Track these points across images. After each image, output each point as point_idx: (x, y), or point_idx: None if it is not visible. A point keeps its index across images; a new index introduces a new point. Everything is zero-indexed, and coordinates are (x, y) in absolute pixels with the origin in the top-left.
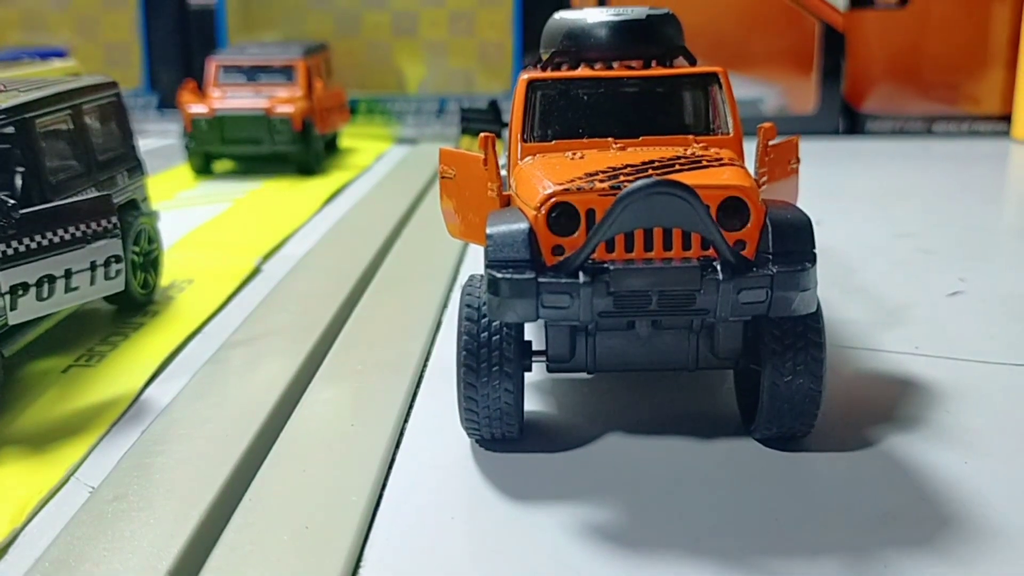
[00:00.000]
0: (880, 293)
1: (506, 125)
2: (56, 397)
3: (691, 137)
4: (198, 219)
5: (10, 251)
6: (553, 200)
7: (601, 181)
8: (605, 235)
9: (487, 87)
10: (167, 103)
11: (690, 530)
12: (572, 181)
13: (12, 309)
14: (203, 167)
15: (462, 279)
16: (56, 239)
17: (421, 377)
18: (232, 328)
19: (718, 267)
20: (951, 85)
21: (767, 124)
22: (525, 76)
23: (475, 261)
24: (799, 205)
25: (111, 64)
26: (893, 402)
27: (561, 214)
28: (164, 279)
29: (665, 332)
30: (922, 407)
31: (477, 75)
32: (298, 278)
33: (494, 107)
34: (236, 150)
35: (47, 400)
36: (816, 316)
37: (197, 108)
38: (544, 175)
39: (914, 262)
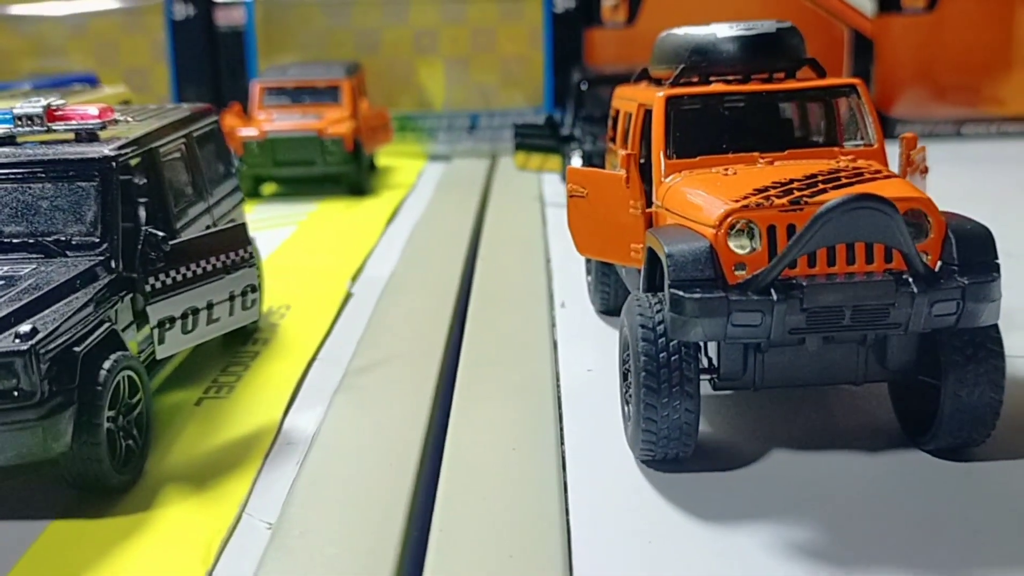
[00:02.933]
0: None
1: (565, 140)
2: (199, 431)
3: (837, 149)
4: (269, 243)
5: (158, 284)
6: (733, 217)
7: (778, 196)
8: (803, 250)
9: (517, 102)
10: None
11: (897, 545)
12: (746, 197)
13: (160, 343)
14: (252, 190)
15: (558, 297)
16: (199, 270)
17: (559, 398)
18: (347, 354)
19: (910, 280)
20: (979, 87)
21: (910, 134)
22: (661, 93)
23: (565, 279)
24: None
25: (132, 89)
26: None
27: (741, 231)
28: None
29: (835, 346)
30: None
31: (509, 91)
32: (393, 301)
33: (551, 123)
34: (287, 172)
35: (191, 434)
36: (995, 326)
37: (248, 131)
38: (710, 192)
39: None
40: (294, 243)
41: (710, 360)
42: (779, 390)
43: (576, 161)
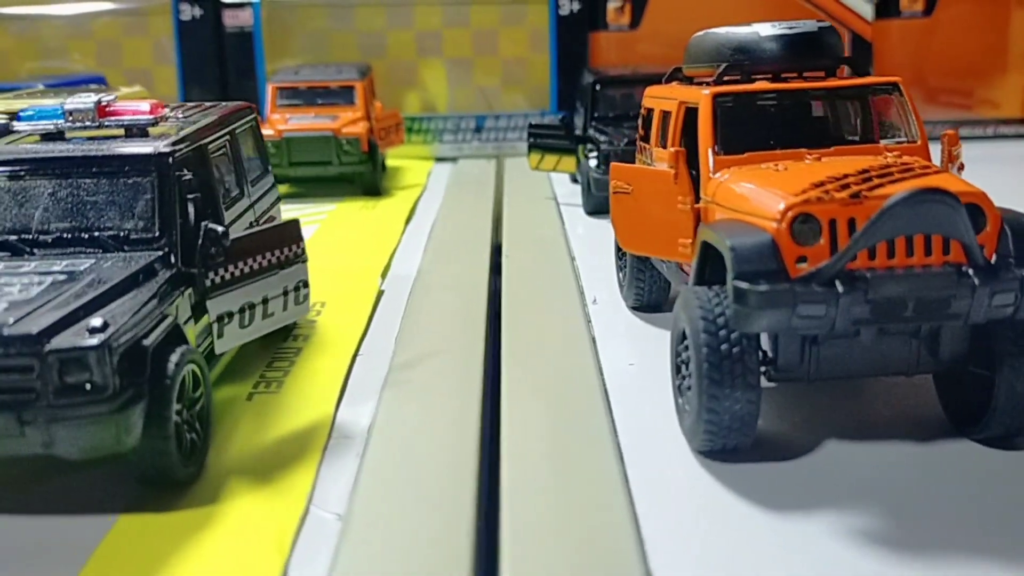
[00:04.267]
0: None
1: (580, 140)
2: (254, 425)
3: (882, 145)
4: None
5: (218, 279)
6: (795, 211)
7: (836, 191)
8: (869, 242)
9: (521, 105)
10: None
11: (957, 530)
12: (805, 191)
13: (219, 337)
14: None
15: (587, 294)
16: (256, 266)
17: (606, 392)
18: (387, 350)
19: (971, 272)
20: (975, 90)
21: (951, 131)
22: (708, 91)
23: (592, 276)
24: None
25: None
26: None
27: (803, 224)
28: None
29: (888, 338)
30: None
31: (513, 93)
32: (424, 298)
33: (566, 123)
34: (303, 172)
35: (247, 428)
36: None
37: (264, 131)
38: (766, 187)
39: None
40: (318, 242)
41: (764, 352)
42: (821, 382)
43: (592, 162)
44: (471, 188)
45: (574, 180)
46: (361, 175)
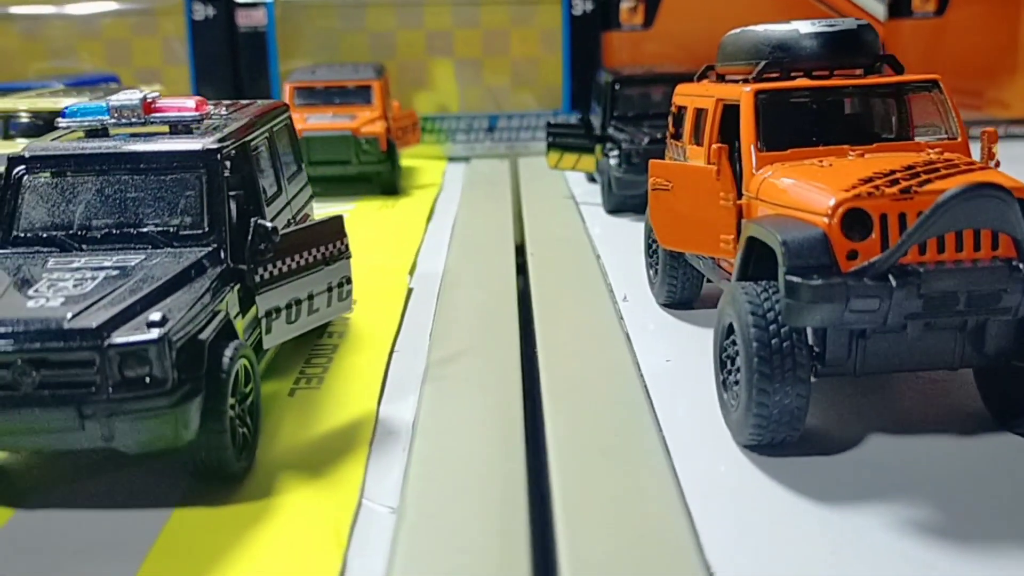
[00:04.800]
0: None
1: (600, 139)
2: (299, 420)
3: (924, 142)
4: None
5: (266, 274)
6: (846, 206)
7: (886, 186)
8: (923, 237)
9: (533, 105)
10: None
11: (1008, 523)
12: (855, 187)
13: (267, 333)
14: None
15: (619, 293)
16: (302, 262)
17: (645, 387)
18: (422, 346)
19: (1022, 267)
20: (986, 90)
21: (991, 129)
22: (749, 88)
23: (618, 274)
24: None
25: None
26: None
27: (854, 219)
28: None
29: (934, 332)
30: None
31: (524, 93)
32: (454, 295)
33: (585, 122)
34: (322, 172)
35: (292, 424)
36: None
37: None
38: (814, 183)
39: None
40: None
41: (811, 348)
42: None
43: (613, 161)
44: (488, 187)
45: (591, 179)
46: (379, 174)
